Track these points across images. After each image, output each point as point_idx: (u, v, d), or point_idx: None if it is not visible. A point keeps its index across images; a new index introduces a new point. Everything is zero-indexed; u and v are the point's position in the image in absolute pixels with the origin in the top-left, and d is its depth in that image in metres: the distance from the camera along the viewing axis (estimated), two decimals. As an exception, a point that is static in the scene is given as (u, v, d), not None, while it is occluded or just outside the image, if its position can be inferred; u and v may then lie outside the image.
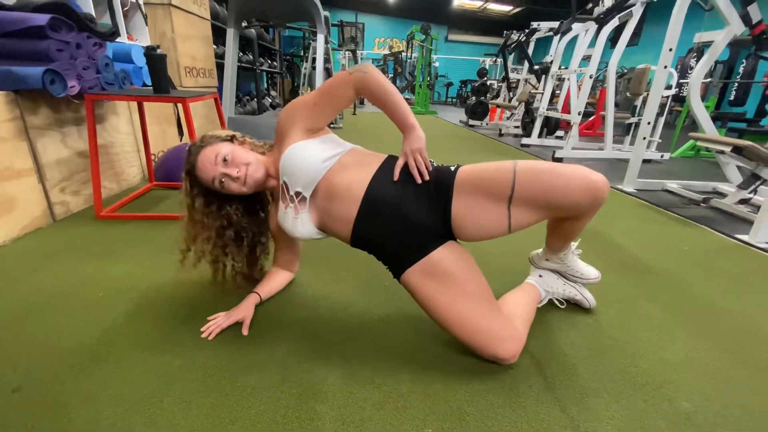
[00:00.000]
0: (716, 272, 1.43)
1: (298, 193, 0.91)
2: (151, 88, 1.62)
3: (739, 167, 2.35)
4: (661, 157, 3.56)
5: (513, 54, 5.70)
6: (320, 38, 2.98)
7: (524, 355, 0.92)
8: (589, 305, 1.13)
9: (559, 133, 4.82)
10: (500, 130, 5.26)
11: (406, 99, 10.78)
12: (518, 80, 5.76)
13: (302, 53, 6.70)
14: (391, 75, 13.22)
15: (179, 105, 1.88)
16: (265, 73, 5.78)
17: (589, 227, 1.83)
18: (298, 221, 0.92)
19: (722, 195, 2.38)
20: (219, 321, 0.98)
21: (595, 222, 1.88)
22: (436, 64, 14.47)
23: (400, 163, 0.89)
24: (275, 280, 1.13)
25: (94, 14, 2.02)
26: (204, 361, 0.87)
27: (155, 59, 1.54)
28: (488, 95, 6.79)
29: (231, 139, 0.98)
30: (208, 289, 1.09)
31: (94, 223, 1.60)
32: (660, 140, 3.72)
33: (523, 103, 5.23)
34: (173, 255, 1.01)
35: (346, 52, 8.31)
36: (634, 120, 3.70)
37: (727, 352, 0.98)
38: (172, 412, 0.73)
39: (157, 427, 0.70)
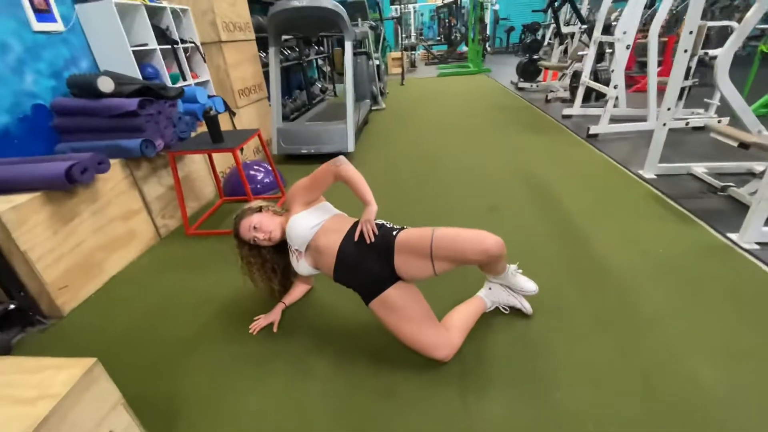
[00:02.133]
0: (675, 279, 1.59)
1: (297, 250, 1.39)
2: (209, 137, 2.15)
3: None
4: (719, 122, 3.29)
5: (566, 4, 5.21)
6: (348, 45, 3.26)
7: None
8: (526, 312, 1.45)
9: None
10: (546, 95, 5.07)
11: (460, 52, 10.34)
12: (572, 34, 5.33)
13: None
14: (447, 23, 12.52)
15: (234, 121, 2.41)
16: (315, 60, 6.16)
17: (571, 222, 2.03)
18: (299, 264, 1.41)
19: (754, 176, 2.30)
20: (260, 322, 1.52)
21: (582, 216, 2.08)
22: (496, 7, 13.36)
23: (357, 230, 1.29)
24: (296, 292, 1.63)
25: (165, 67, 2.58)
26: (251, 349, 1.42)
27: (210, 120, 2.05)
28: (542, 52, 6.38)
29: (260, 209, 1.45)
30: (255, 299, 1.64)
31: (185, 240, 2.25)
32: (719, 103, 3.39)
33: (575, 63, 4.93)
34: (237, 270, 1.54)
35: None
36: (687, 83, 3.40)
37: (624, 360, 1.25)
38: (230, 380, 1.29)
39: (222, 388, 1.26)
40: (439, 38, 13.46)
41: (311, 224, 1.34)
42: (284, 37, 3.90)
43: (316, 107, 4.81)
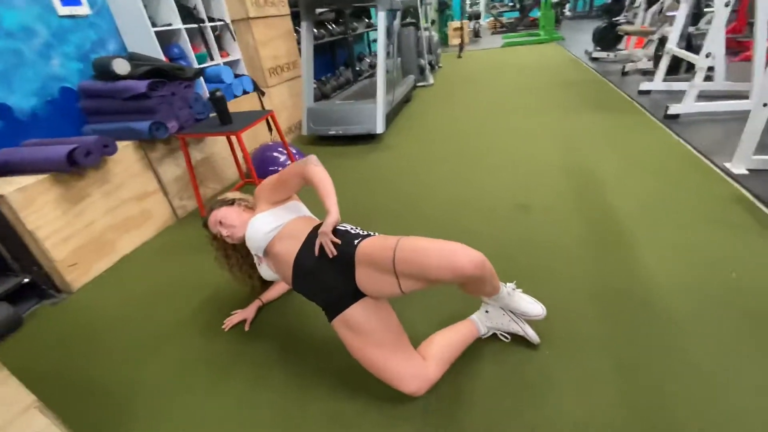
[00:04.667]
0: (752, 320, 1.19)
1: (256, 255, 1.27)
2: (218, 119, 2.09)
3: None
4: None
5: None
6: (380, 16, 2.99)
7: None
8: (532, 340, 1.19)
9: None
10: (623, 67, 4.30)
11: (533, 19, 9.35)
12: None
13: None
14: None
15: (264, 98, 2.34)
16: (366, 34, 5.92)
17: (618, 226, 1.67)
18: (261, 269, 1.29)
19: None
20: (233, 318, 1.45)
21: (634, 220, 1.69)
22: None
23: (317, 243, 1.08)
24: (275, 290, 1.53)
25: (191, 47, 2.57)
26: (219, 346, 1.36)
27: (216, 101, 1.99)
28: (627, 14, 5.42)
29: (232, 202, 1.35)
30: (237, 292, 1.57)
31: (199, 221, 2.27)
32: None
33: (665, 26, 4.09)
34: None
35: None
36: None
37: (635, 419, 0.95)
38: (190, 377, 1.24)
39: (180, 384, 1.21)
40: (512, 3, 12.26)
41: (268, 228, 1.19)
42: (319, 10, 3.73)
43: (360, 84, 4.62)
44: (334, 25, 4.70)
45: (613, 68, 4.61)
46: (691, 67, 3.61)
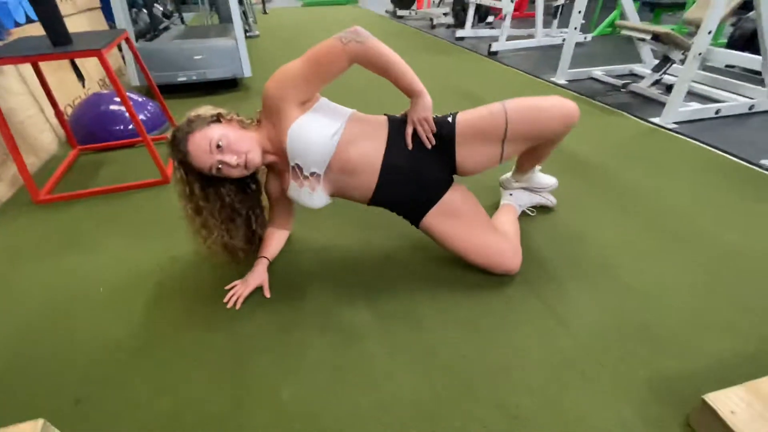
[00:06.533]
0: (636, 157, 1.71)
1: (313, 173, 0.95)
2: (47, 38, 1.31)
3: (652, 49, 2.59)
4: (585, 39, 3.72)
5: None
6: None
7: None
8: (552, 204, 1.37)
9: (491, 19, 4.70)
10: (431, 20, 4.98)
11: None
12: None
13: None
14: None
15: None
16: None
17: None
18: (314, 195, 0.99)
19: (639, 77, 2.65)
20: (239, 290, 1.04)
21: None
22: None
23: (409, 131, 0.98)
24: (276, 240, 1.16)
25: None
26: (244, 329, 0.96)
27: (41, 2, 1.23)
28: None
29: (217, 118, 0.92)
30: (205, 264, 1.12)
31: (37, 211, 1.44)
32: (583, 20, 3.82)
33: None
34: (144, 233, 1.00)
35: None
36: (561, 1, 3.71)
37: (649, 230, 1.26)
38: (240, 379, 0.84)
39: (235, 392, 0.81)
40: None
41: (328, 133, 0.92)
42: None
43: (175, 29, 3.68)
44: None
45: (420, 24, 5.25)
46: (482, 20, 4.52)
